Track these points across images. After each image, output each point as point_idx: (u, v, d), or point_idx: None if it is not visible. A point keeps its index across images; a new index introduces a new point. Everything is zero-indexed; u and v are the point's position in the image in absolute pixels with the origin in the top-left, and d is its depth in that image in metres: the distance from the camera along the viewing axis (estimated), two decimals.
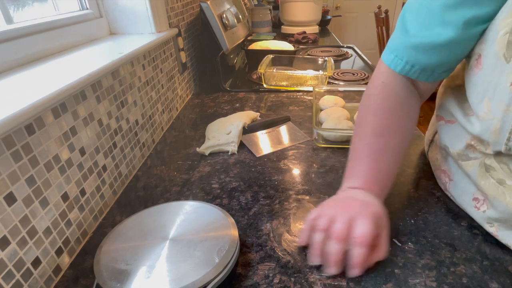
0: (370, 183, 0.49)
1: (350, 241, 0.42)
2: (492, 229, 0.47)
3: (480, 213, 0.48)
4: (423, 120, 2.65)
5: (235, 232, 0.45)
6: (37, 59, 0.58)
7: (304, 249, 0.48)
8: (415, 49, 0.45)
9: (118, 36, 0.79)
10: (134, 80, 0.70)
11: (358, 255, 0.42)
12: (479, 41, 0.42)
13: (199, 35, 1.23)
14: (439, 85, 0.55)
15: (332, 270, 0.43)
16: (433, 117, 0.62)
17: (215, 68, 1.10)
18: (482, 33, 0.41)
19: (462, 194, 0.52)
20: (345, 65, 1.39)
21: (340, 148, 0.74)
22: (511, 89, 0.37)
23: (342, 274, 0.44)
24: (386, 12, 2.55)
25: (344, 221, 0.43)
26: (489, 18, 0.40)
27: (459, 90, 0.51)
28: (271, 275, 0.44)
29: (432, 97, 0.60)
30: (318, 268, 0.45)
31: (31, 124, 0.42)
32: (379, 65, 0.52)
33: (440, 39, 0.42)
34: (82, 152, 0.53)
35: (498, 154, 0.44)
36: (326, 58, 1.18)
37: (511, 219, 0.44)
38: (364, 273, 0.43)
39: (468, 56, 0.45)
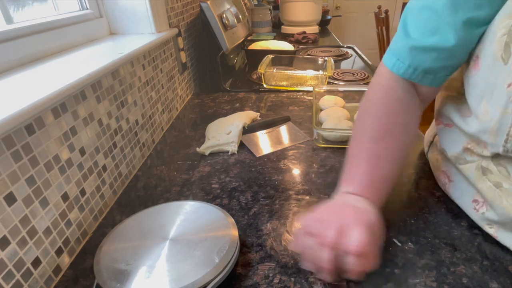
0: (366, 189, 0.48)
1: (342, 249, 0.40)
2: (491, 231, 0.47)
3: (479, 215, 0.48)
4: (423, 120, 2.64)
5: (235, 232, 0.45)
6: (37, 59, 0.58)
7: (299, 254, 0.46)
8: (417, 53, 0.44)
9: (118, 36, 0.79)
10: (134, 80, 0.70)
11: (353, 263, 0.40)
12: (477, 42, 0.42)
13: (199, 35, 1.23)
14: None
15: (326, 277, 0.42)
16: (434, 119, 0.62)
17: (215, 68, 1.10)
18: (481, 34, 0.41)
19: (462, 195, 0.52)
20: (345, 65, 1.39)
21: (340, 148, 0.74)
22: (508, 90, 0.37)
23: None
24: (386, 12, 2.54)
25: (337, 228, 0.41)
26: (489, 20, 0.40)
27: (457, 93, 0.51)
28: (271, 275, 0.44)
29: None
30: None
31: (31, 124, 0.42)
32: (379, 69, 0.51)
33: (442, 43, 0.42)
34: (82, 152, 0.53)
35: (496, 156, 0.44)
36: (326, 58, 1.18)
37: (509, 222, 0.43)
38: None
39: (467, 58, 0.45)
